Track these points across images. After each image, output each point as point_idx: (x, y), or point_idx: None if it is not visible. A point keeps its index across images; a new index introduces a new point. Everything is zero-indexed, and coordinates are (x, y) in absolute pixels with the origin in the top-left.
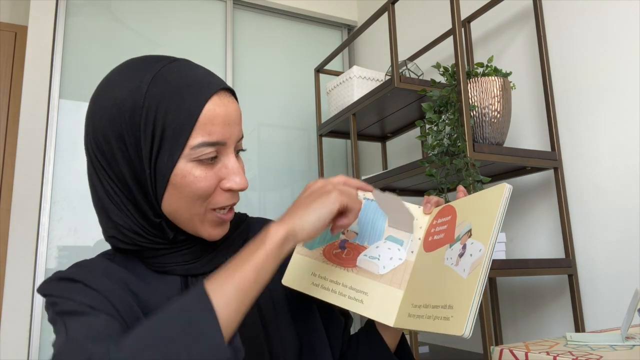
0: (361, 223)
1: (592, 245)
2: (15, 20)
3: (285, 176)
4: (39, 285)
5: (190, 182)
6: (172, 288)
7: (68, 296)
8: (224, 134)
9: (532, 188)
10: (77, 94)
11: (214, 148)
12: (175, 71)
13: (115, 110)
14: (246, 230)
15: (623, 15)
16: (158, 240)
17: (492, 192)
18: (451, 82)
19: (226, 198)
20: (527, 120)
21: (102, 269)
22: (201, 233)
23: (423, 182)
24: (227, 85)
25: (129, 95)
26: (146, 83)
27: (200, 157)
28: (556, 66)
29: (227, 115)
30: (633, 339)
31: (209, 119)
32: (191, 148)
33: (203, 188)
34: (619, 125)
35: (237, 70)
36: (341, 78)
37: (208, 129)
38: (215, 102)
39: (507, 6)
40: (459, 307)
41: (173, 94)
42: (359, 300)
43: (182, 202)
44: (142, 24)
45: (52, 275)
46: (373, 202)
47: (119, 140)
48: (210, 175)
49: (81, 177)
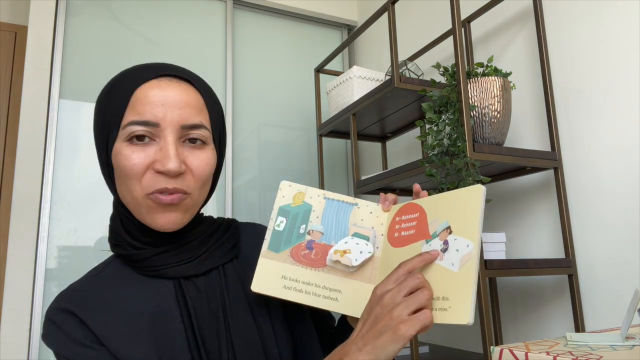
0: (325, 222)
1: (592, 245)
2: (15, 20)
3: (285, 176)
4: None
5: (120, 160)
6: (165, 293)
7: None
8: (156, 115)
9: (532, 188)
10: (77, 94)
11: (143, 127)
12: (133, 68)
13: (94, 110)
14: (236, 234)
15: (623, 15)
16: (139, 239)
17: (467, 192)
18: (451, 82)
19: (156, 181)
20: (527, 120)
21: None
22: (148, 222)
23: (423, 182)
24: (179, 73)
25: (99, 96)
26: (110, 82)
27: (130, 136)
28: (556, 66)
29: (163, 96)
30: (633, 339)
31: (139, 99)
32: (122, 128)
33: (129, 166)
34: (619, 125)
35: (237, 70)
36: (341, 78)
37: (138, 108)
38: (152, 84)
39: (507, 6)
40: (457, 298)
41: (120, 84)
42: (334, 299)
43: (123, 186)
44: (142, 24)
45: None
46: (334, 201)
47: (95, 135)
48: (138, 155)
49: (81, 177)
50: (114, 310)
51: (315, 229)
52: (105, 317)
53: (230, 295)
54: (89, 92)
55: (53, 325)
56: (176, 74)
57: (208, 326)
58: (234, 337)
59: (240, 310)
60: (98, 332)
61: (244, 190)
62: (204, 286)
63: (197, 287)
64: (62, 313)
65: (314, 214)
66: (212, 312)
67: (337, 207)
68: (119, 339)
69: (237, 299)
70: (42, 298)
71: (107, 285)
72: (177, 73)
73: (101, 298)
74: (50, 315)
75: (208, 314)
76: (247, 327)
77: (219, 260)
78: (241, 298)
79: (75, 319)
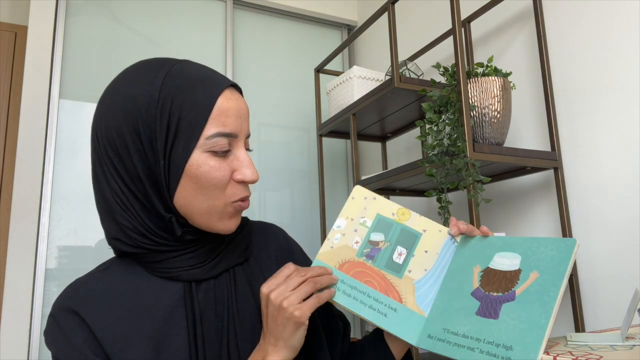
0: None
1: (592, 245)
2: (15, 20)
3: (285, 176)
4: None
5: (206, 172)
6: (173, 295)
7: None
8: (236, 127)
9: (532, 188)
10: (77, 94)
11: (227, 139)
12: (186, 68)
13: (130, 105)
14: (248, 234)
15: (623, 15)
16: (162, 242)
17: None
18: (451, 82)
19: (240, 190)
20: (527, 120)
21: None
22: (217, 226)
23: (423, 182)
24: (235, 82)
25: (145, 90)
26: (160, 78)
27: (214, 148)
28: (556, 66)
29: (239, 109)
30: (633, 339)
31: (222, 111)
32: (206, 138)
33: (218, 177)
34: (619, 125)
35: (237, 70)
36: (341, 78)
37: (222, 120)
38: (228, 95)
39: (507, 6)
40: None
41: (187, 88)
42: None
43: (199, 194)
44: (142, 24)
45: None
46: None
47: (134, 133)
48: (224, 166)
49: (81, 177)
50: (119, 310)
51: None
52: (108, 318)
53: (239, 299)
54: (89, 92)
55: (56, 325)
56: (235, 84)
57: (214, 331)
58: (240, 343)
59: (248, 313)
60: (100, 335)
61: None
62: (212, 289)
63: (205, 290)
64: (66, 312)
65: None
66: (219, 316)
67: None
68: (120, 343)
69: (245, 303)
70: (42, 298)
71: (114, 282)
72: (235, 83)
73: (107, 296)
74: (54, 311)
75: (215, 319)
76: (255, 333)
77: (231, 263)
78: (249, 302)
79: (77, 319)
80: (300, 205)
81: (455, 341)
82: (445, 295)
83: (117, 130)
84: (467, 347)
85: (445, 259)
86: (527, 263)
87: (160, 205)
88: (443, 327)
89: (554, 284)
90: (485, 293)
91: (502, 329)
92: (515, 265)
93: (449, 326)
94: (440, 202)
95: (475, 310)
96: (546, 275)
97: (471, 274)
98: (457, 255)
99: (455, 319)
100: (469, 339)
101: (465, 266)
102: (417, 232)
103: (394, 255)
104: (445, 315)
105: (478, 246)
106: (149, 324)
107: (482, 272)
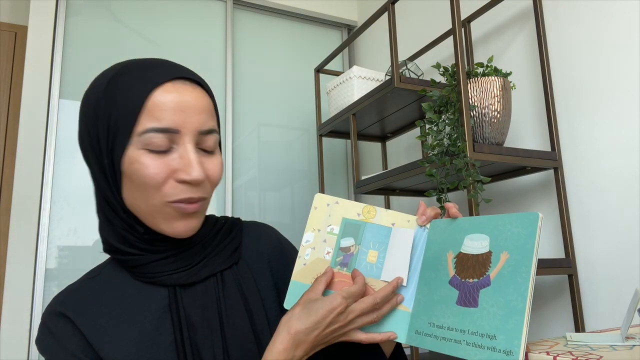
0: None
1: (592, 245)
2: (15, 20)
3: (285, 176)
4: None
5: (137, 169)
6: (160, 301)
7: None
8: (176, 121)
9: (532, 188)
10: (77, 94)
11: (164, 135)
12: (136, 65)
13: (84, 107)
14: (239, 236)
15: (623, 15)
16: (140, 246)
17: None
18: (451, 82)
19: (180, 190)
20: (527, 120)
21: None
22: (164, 229)
23: (423, 182)
24: (191, 75)
25: (94, 92)
26: (107, 78)
27: (150, 144)
28: (556, 66)
29: (181, 102)
30: (633, 339)
31: (156, 104)
32: (139, 134)
33: (150, 176)
34: (619, 125)
35: (237, 70)
36: (341, 78)
37: (156, 114)
38: (167, 88)
39: (507, 6)
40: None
41: (126, 85)
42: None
43: (137, 193)
44: (142, 24)
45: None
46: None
47: (89, 135)
48: (158, 164)
49: (81, 177)
50: (107, 316)
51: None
52: (98, 323)
53: (228, 304)
54: None
55: (48, 332)
56: (189, 76)
57: (202, 336)
58: (230, 348)
59: (238, 319)
60: (92, 340)
61: (244, 191)
62: (199, 294)
63: (192, 295)
64: (58, 318)
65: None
66: (207, 322)
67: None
68: (108, 350)
69: (235, 307)
70: (42, 298)
71: (103, 289)
72: (190, 76)
73: (96, 302)
74: (45, 319)
75: (202, 324)
76: (245, 337)
77: (218, 267)
78: (239, 306)
79: (69, 325)
80: (300, 206)
81: (441, 335)
82: (424, 287)
83: (80, 133)
84: (453, 341)
85: (419, 248)
86: (496, 243)
87: (117, 206)
88: (428, 321)
89: (525, 264)
90: (462, 280)
91: (483, 317)
92: (485, 247)
93: (433, 319)
94: (440, 202)
95: (455, 299)
96: (516, 255)
97: (445, 262)
98: (430, 242)
99: (438, 311)
100: (454, 331)
101: (439, 253)
102: (386, 227)
103: (367, 257)
104: (429, 308)
105: (447, 230)
106: (137, 330)
107: (456, 258)
